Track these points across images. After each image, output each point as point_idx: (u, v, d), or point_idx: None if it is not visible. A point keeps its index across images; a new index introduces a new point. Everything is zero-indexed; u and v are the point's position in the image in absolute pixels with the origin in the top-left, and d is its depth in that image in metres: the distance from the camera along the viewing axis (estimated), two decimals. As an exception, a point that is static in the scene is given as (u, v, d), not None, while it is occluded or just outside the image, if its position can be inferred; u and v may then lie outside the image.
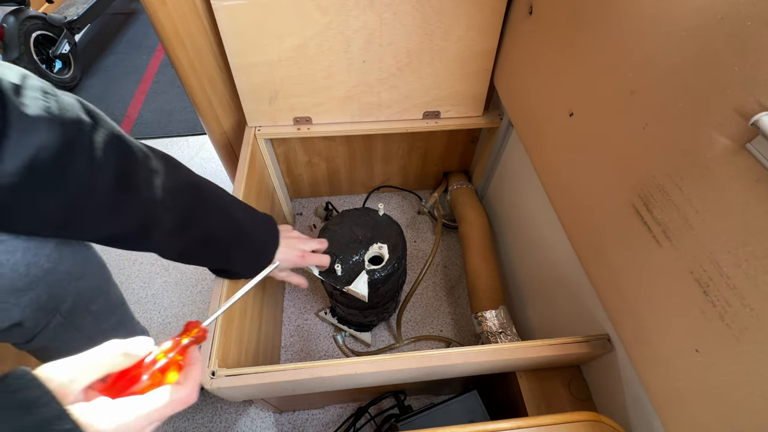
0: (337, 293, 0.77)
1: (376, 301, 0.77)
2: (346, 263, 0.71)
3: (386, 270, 0.71)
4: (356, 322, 0.91)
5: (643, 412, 0.51)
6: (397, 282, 0.80)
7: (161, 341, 0.36)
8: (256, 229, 0.60)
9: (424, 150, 1.07)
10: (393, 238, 0.74)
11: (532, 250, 0.82)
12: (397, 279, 0.78)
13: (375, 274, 0.70)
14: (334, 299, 0.85)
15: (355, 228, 0.75)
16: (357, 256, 0.72)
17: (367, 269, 0.70)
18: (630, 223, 0.46)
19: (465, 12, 0.73)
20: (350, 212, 0.78)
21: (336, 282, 0.70)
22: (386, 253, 0.72)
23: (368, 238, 0.73)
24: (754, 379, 0.34)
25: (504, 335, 0.79)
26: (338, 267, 0.69)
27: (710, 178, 0.36)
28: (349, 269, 0.71)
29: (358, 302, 0.74)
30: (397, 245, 0.73)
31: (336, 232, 0.75)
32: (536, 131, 0.68)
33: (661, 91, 0.41)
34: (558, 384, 0.63)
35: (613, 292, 0.52)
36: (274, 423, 0.86)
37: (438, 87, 0.84)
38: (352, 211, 0.79)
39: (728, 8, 0.34)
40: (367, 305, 0.77)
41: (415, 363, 0.52)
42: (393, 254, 0.72)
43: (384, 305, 0.84)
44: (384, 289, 0.74)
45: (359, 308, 0.80)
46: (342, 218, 0.77)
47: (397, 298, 0.91)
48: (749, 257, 0.33)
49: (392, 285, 0.77)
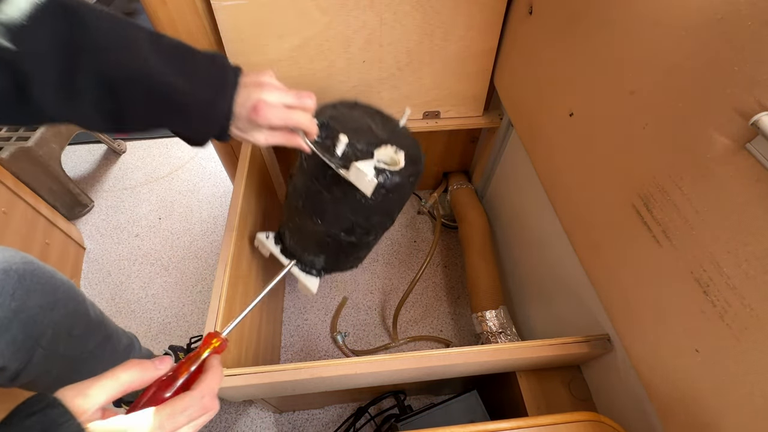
0: (313, 194, 0.57)
1: (363, 222, 0.59)
2: (350, 147, 0.53)
3: (399, 176, 0.53)
4: (306, 260, 0.68)
5: (643, 412, 0.51)
6: (395, 207, 0.62)
7: (182, 357, 0.35)
8: (187, 76, 0.40)
9: (424, 150, 1.06)
10: (412, 150, 0.58)
11: (532, 250, 0.82)
12: (397, 203, 0.61)
13: (386, 174, 0.53)
14: (293, 213, 0.63)
15: (369, 120, 0.60)
16: (365, 146, 0.54)
17: (377, 165, 0.53)
18: (630, 223, 0.46)
19: (465, 12, 0.73)
20: (366, 106, 0.63)
21: (328, 157, 0.51)
22: (402, 160, 0.55)
23: (383, 137, 0.57)
24: (754, 379, 0.34)
25: (504, 335, 0.79)
26: (342, 142, 0.51)
27: (710, 178, 0.36)
28: (350, 156, 0.53)
29: (329, 221, 0.57)
30: (416, 160, 0.57)
31: (345, 114, 0.59)
32: (536, 131, 0.68)
33: (660, 91, 0.41)
34: (558, 384, 0.63)
35: (613, 292, 0.52)
36: (274, 423, 0.86)
37: (438, 87, 0.84)
38: (368, 107, 0.64)
39: (728, 8, 0.34)
40: (342, 228, 0.59)
41: (415, 363, 0.52)
42: (409, 167, 0.55)
43: (356, 243, 0.63)
44: (383, 202, 0.56)
45: (326, 235, 0.61)
46: (355, 106, 0.62)
47: (367, 247, 0.69)
48: (749, 257, 0.33)
49: (389, 206, 0.59)
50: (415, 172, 0.57)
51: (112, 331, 0.67)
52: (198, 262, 1.11)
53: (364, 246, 0.66)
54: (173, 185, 1.29)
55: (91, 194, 1.26)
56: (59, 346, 0.54)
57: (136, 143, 1.43)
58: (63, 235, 1.04)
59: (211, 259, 1.12)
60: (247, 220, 0.72)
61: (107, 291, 1.06)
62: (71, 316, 0.56)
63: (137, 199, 1.26)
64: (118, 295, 1.05)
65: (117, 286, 1.07)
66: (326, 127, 0.53)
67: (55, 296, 0.54)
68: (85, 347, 0.59)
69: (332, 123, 0.55)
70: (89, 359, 0.60)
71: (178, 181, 1.30)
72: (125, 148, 1.41)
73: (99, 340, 0.62)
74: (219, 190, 1.28)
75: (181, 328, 0.99)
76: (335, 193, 0.55)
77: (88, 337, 0.60)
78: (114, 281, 1.07)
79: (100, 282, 1.07)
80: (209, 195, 1.27)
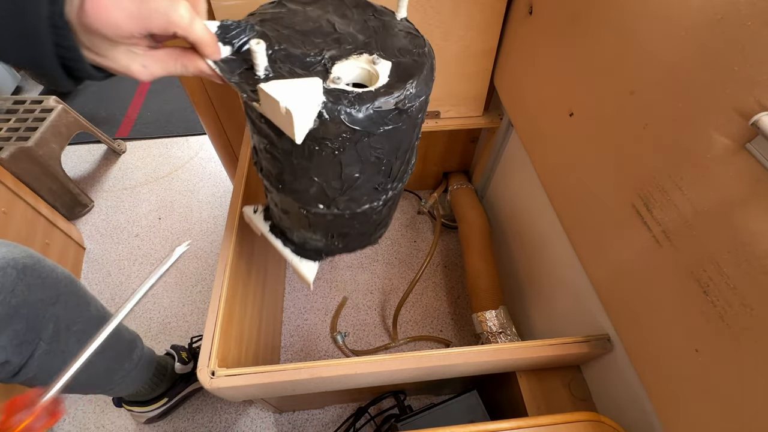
0: (262, 149, 0.40)
1: (339, 186, 0.39)
2: (287, 61, 0.35)
3: (372, 102, 0.32)
4: (297, 240, 0.51)
5: (643, 412, 0.51)
6: (393, 160, 0.39)
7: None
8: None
9: (424, 150, 1.07)
10: (409, 57, 0.37)
11: (532, 249, 0.82)
12: (393, 152, 0.38)
13: (345, 103, 0.32)
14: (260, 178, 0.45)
15: (337, 18, 0.39)
16: (316, 56, 0.35)
17: (329, 86, 0.33)
18: (630, 223, 0.46)
19: (465, 12, 0.72)
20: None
21: (242, 82, 0.33)
22: (385, 73, 0.35)
23: (357, 40, 0.37)
24: (754, 379, 0.34)
25: (504, 335, 0.79)
26: (258, 52, 0.32)
27: (710, 178, 0.36)
28: (285, 75, 0.34)
29: (290, 188, 0.41)
30: (416, 71, 0.35)
31: (296, 12, 0.39)
32: (536, 131, 0.68)
33: (660, 91, 0.41)
34: (558, 384, 0.63)
35: (613, 292, 0.52)
36: (274, 423, 0.86)
37: (438, 87, 0.84)
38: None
39: (728, 8, 0.34)
40: (311, 197, 0.41)
41: (415, 363, 0.52)
42: (399, 83, 0.34)
43: (348, 216, 0.43)
44: (358, 159, 0.36)
45: (300, 209, 0.43)
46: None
47: (383, 209, 0.46)
48: (749, 257, 0.33)
49: (373, 152, 0.36)
50: (416, 93, 0.34)
51: (113, 328, 0.67)
52: (198, 262, 1.11)
53: (364, 219, 0.45)
54: (173, 185, 1.29)
55: (91, 194, 1.26)
56: (60, 341, 0.54)
57: (136, 143, 1.43)
58: (63, 235, 1.04)
59: (211, 259, 1.12)
60: (247, 220, 0.72)
61: (107, 291, 1.06)
62: (72, 310, 0.56)
63: (137, 199, 1.26)
64: (118, 295, 1.05)
65: (117, 286, 1.07)
66: (243, 31, 0.35)
67: (57, 290, 0.53)
68: (85, 343, 0.59)
69: (264, 27, 0.37)
70: (90, 356, 0.60)
71: (178, 181, 1.30)
72: (125, 148, 1.41)
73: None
74: (219, 190, 1.28)
75: (181, 328, 0.99)
76: (283, 143, 0.35)
77: (89, 333, 0.60)
78: (114, 281, 1.07)
79: (100, 282, 1.07)
80: (209, 195, 1.27)
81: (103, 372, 0.65)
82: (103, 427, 0.85)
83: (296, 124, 0.30)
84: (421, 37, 0.40)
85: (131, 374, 0.71)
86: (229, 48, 0.34)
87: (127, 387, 0.73)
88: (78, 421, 0.86)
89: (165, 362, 0.83)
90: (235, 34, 0.34)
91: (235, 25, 0.34)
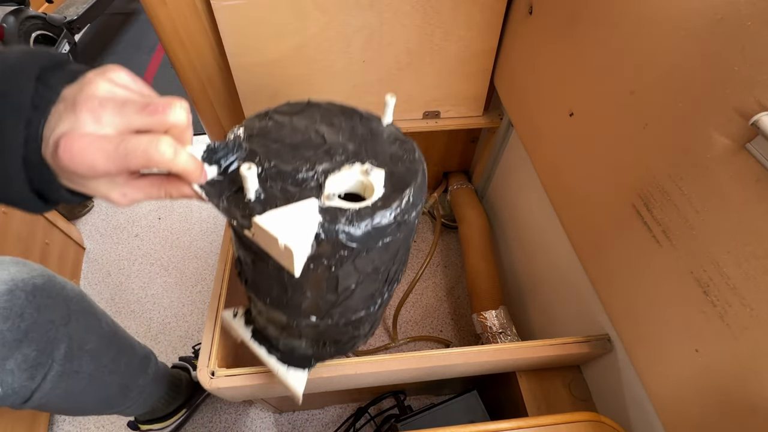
0: (249, 264, 0.37)
1: (333, 299, 0.37)
2: (279, 179, 0.33)
3: (371, 218, 0.31)
4: (284, 349, 0.46)
5: (644, 413, 0.51)
6: (390, 266, 0.37)
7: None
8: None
9: (424, 150, 1.07)
10: (401, 165, 0.36)
11: (532, 250, 0.82)
12: (390, 259, 0.36)
13: (343, 221, 0.30)
14: (248, 281, 0.41)
15: (325, 128, 0.38)
16: (308, 171, 0.33)
17: (325, 204, 0.31)
18: (630, 223, 0.46)
19: (465, 12, 0.72)
20: (325, 106, 0.42)
21: (231, 207, 0.31)
22: (380, 183, 0.34)
23: (347, 149, 0.36)
24: (755, 379, 0.34)
25: (504, 335, 0.79)
26: (249, 179, 0.29)
27: (710, 178, 0.36)
28: (278, 195, 0.32)
29: (280, 302, 0.38)
30: (410, 181, 0.34)
31: (284, 125, 0.38)
32: (536, 131, 0.68)
33: (661, 91, 0.41)
34: (558, 384, 0.63)
35: (614, 292, 0.52)
36: (274, 423, 0.86)
37: (438, 87, 0.84)
38: (328, 106, 0.42)
39: (728, 8, 0.34)
40: (303, 312, 0.38)
41: (415, 363, 0.52)
42: (395, 193, 0.33)
43: (349, 317, 0.40)
44: (355, 272, 0.34)
45: (291, 321, 0.40)
46: (306, 108, 0.41)
47: (377, 311, 0.44)
48: (749, 257, 0.33)
49: (376, 267, 0.35)
50: (409, 203, 0.33)
51: (127, 345, 0.66)
52: (198, 262, 1.11)
53: (358, 324, 0.43)
54: (173, 185, 1.29)
55: (91, 194, 1.26)
56: (73, 361, 0.52)
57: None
58: (63, 236, 1.04)
59: (211, 259, 1.11)
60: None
61: (107, 291, 1.06)
62: (84, 329, 0.55)
63: (137, 199, 1.26)
64: (117, 295, 1.05)
65: (117, 286, 1.07)
66: (231, 150, 0.32)
67: (68, 309, 0.52)
68: (99, 362, 0.57)
69: (251, 143, 0.35)
70: (104, 374, 0.59)
71: (178, 181, 1.30)
72: (125, 148, 1.41)
73: (113, 355, 0.61)
74: (219, 190, 1.28)
75: (181, 328, 0.99)
76: (275, 260, 0.31)
77: (103, 351, 0.59)
78: (114, 281, 1.07)
79: (100, 282, 1.07)
80: (209, 195, 1.27)
81: (117, 390, 0.63)
82: (102, 427, 0.85)
83: (296, 260, 0.28)
84: (410, 142, 0.39)
85: (146, 390, 0.70)
86: (216, 168, 0.32)
87: (143, 404, 0.72)
88: (78, 421, 0.86)
89: (177, 375, 0.82)
90: (222, 155, 0.32)
91: (222, 146, 0.32)
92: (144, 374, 0.69)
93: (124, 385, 0.64)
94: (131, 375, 0.66)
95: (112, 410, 0.67)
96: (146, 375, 0.69)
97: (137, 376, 0.67)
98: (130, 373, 0.65)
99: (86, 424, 0.85)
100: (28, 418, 0.77)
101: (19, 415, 0.75)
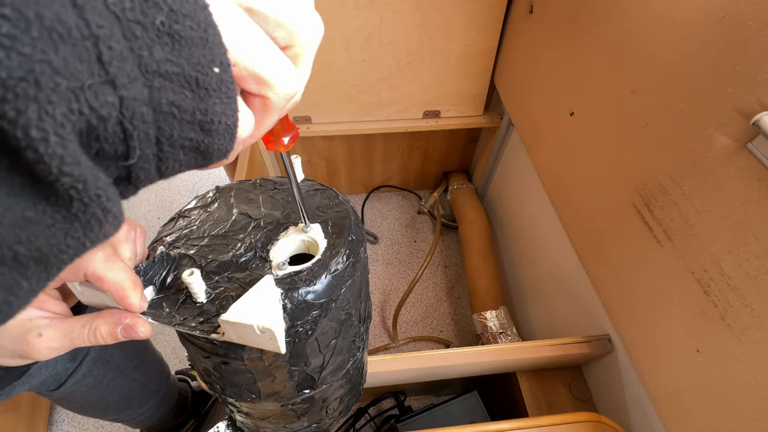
0: (214, 361, 0.34)
1: (320, 362, 0.36)
2: (223, 270, 0.32)
3: (327, 269, 0.31)
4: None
5: (644, 413, 0.51)
6: (359, 306, 0.37)
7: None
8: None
9: (424, 149, 1.07)
10: (331, 212, 0.36)
11: (533, 249, 0.82)
12: (357, 299, 0.36)
13: (302, 284, 0.30)
14: (220, 389, 0.38)
15: (242, 206, 0.38)
16: (248, 251, 0.33)
17: (279, 275, 0.31)
18: (631, 223, 0.46)
19: (465, 11, 0.72)
20: (235, 186, 0.42)
21: (187, 318, 0.28)
22: (320, 235, 0.34)
23: (275, 217, 0.37)
24: (755, 379, 0.34)
25: (504, 335, 0.79)
26: (193, 283, 0.28)
27: (711, 178, 0.36)
28: (228, 286, 0.30)
29: (269, 394, 0.36)
30: (346, 223, 0.35)
31: (202, 220, 0.37)
32: (536, 131, 0.68)
33: (662, 90, 0.41)
34: (558, 384, 0.63)
35: (614, 292, 0.51)
36: (274, 423, 0.86)
37: (438, 86, 0.84)
38: (238, 184, 0.42)
39: (729, 8, 0.34)
40: (289, 397, 0.37)
41: (415, 363, 0.52)
42: (338, 238, 0.33)
43: (341, 371, 0.39)
44: (331, 324, 0.33)
45: (281, 406, 0.38)
46: (216, 195, 0.40)
47: (362, 354, 0.43)
48: (750, 257, 0.33)
49: (348, 312, 0.35)
50: (358, 239, 0.33)
51: (149, 347, 0.69)
52: (198, 262, 1.11)
53: (349, 377, 0.42)
54: (173, 185, 1.29)
55: (90, 194, 1.26)
56: (107, 348, 0.55)
57: (136, 143, 1.43)
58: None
59: (211, 259, 1.11)
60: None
61: (107, 291, 1.05)
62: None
63: (137, 199, 1.26)
64: (117, 295, 1.05)
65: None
66: (161, 264, 0.31)
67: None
68: (126, 356, 0.60)
69: (175, 249, 0.33)
70: (129, 369, 0.61)
71: (178, 181, 1.30)
72: (125, 148, 1.41)
73: (138, 352, 0.63)
74: (219, 190, 1.28)
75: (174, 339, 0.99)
76: (249, 352, 0.31)
77: (128, 345, 0.61)
78: (114, 281, 1.07)
79: (100, 282, 1.07)
80: (209, 195, 1.27)
81: (139, 390, 0.65)
82: (102, 427, 0.85)
83: (279, 337, 0.27)
84: (329, 189, 0.39)
85: (162, 397, 0.72)
86: (152, 288, 0.30)
87: (154, 413, 0.73)
88: (78, 421, 0.86)
89: (184, 387, 0.84)
90: (153, 273, 0.30)
91: (150, 265, 0.30)
92: (167, 381, 0.72)
93: (144, 385, 0.67)
94: (152, 377, 0.68)
95: (129, 412, 0.69)
96: (169, 382, 0.72)
97: (157, 379, 0.70)
98: (150, 375, 0.68)
99: (86, 424, 0.85)
100: (28, 418, 0.77)
101: (19, 414, 0.75)
